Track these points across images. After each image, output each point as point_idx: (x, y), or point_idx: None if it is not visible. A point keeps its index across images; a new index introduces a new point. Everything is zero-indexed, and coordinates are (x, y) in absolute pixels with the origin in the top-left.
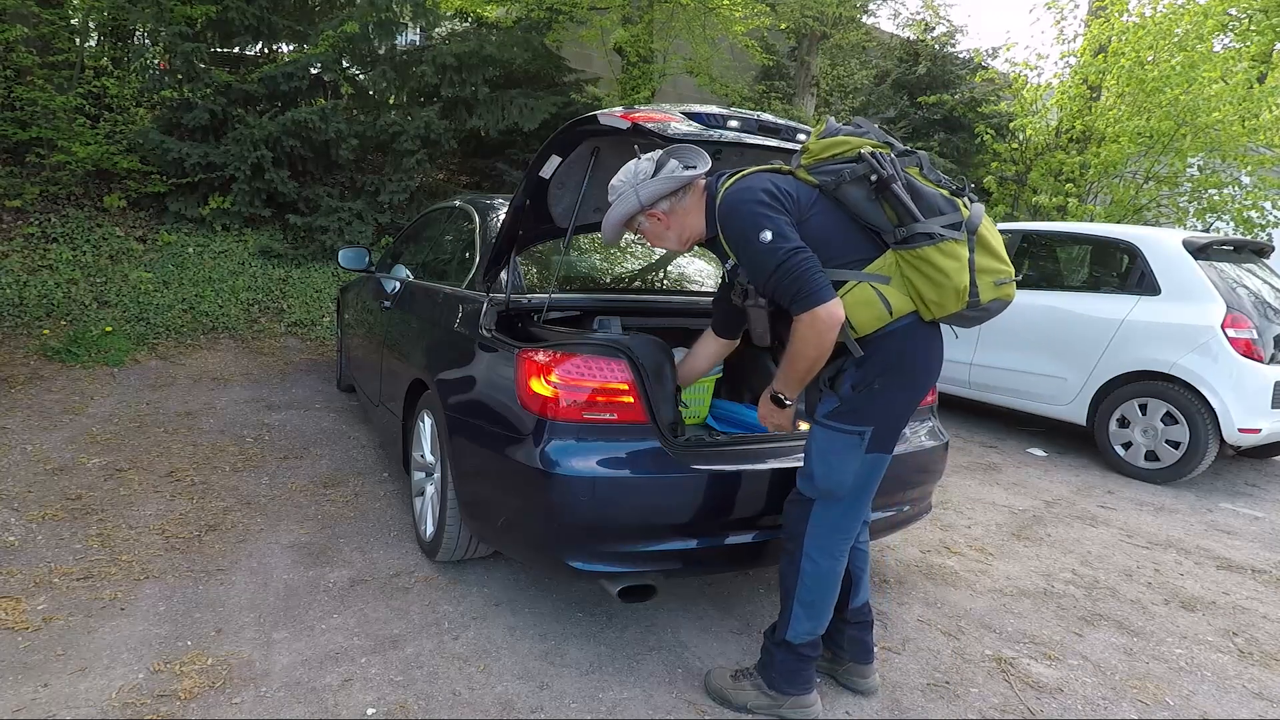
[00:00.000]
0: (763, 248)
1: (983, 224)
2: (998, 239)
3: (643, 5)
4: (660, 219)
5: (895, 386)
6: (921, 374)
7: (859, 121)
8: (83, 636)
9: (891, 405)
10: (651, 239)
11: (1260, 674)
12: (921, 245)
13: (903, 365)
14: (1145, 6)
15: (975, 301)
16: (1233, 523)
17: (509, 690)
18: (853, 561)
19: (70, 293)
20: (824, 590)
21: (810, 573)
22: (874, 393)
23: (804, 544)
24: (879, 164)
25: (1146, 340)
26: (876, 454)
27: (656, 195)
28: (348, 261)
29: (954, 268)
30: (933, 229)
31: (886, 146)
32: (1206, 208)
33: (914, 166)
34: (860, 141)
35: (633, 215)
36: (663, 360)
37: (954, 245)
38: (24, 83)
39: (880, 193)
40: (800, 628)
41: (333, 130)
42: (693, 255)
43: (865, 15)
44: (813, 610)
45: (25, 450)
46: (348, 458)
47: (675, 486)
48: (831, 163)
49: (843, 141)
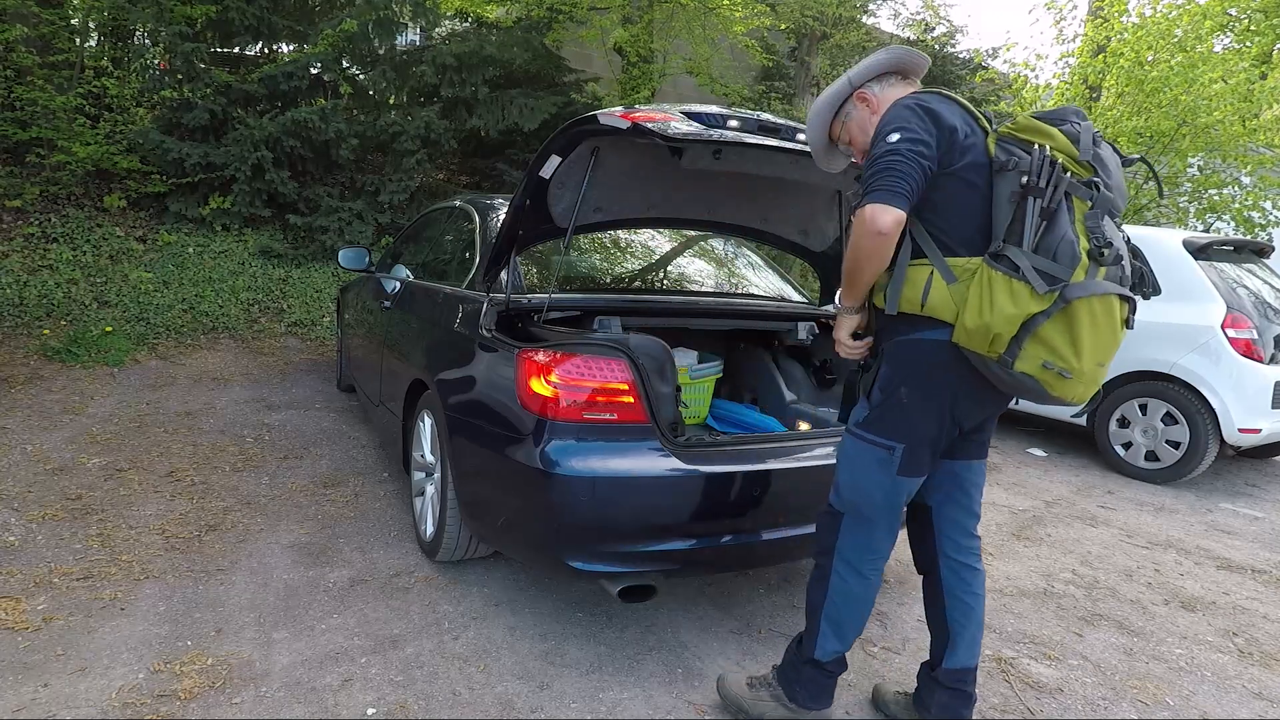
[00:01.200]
0: (882, 144)
1: (1087, 309)
2: (1098, 341)
3: (643, 5)
4: (870, 101)
5: (920, 406)
6: (948, 401)
7: (1076, 118)
8: (83, 636)
9: (917, 426)
10: (858, 137)
11: (1260, 674)
12: (1002, 269)
13: (929, 384)
14: (1145, 7)
15: (1007, 361)
16: (1233, 523)
17: (509, 690)
18: (951, 612)
19: (70, 293)
20: (852, 610)
21: (838, 589)
22: (901, 405)
23: (834, 559)
24: (1038, 169)
25: (1146, 340)
26: (908, 478)
27: (867, 73)
28: (348, 261)
29: (1008, 311)
30: (1023, 263)
31: (1071, 158)
32: (1207, 208)
33: (1084, 200)
34: (1050, 134)
35: (842, 100)
36: (663, 360)
37: (1027, 292)
38: (24, 83)
39: (1021, 198)
40: (827, 646)
41: (333, 130)
42: (693, 255)
43: (865, 15)
44: (839, 629)
45: (25, 450)
46: (348, 458)
47: (675, 487)
48: (1017, 144)
49: (1040, 129)
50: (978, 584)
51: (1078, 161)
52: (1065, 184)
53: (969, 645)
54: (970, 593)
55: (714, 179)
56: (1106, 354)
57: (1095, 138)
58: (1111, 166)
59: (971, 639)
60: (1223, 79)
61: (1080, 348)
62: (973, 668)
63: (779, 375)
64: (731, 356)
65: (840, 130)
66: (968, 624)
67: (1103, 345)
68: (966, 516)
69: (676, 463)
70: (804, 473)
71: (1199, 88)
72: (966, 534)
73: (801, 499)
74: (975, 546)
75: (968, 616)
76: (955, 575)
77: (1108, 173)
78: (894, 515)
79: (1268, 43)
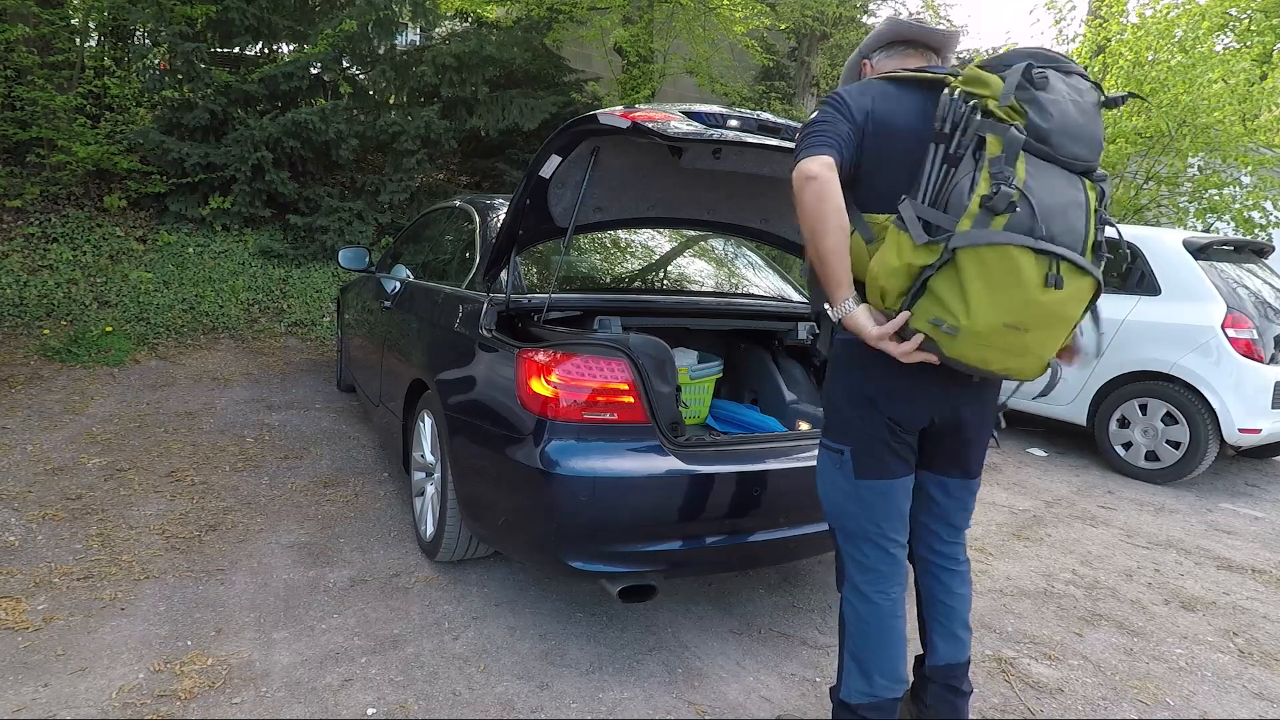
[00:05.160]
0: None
1: (975, 260)
2: (995, 298)
3: (643, 5)
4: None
5: (850, 402)
6: (870, 394)
7: (1020, 61)
8: (83, 636)
9: (852, 423)
10: None
11: (1260, 674)
12: (894, 221)
13: (850, 376)
14: (1145, 7)
15: (892, 314)
16: (1233, 523)
17: (509, 690)
18: (930, 610)
19: (70, 293)
20: (868, 639)
21: (849, 616)
22: (836, 405)
23: (843, 584)
24: (943, 115)
25: (1147, 340)
26: (868, 480)
27: (871, 44)
28: (348, 261)
29: (891, 263)
30: (907, 214)
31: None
32: (1207, 208)
33: (995, 135)
34: (985, 81)
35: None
36: (663, 360)
37: (905, 239)
38: (24, 83)
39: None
40: (853, 685)
41: (333, 130)
42: (693, 255)
43: (865, 15)
44: (862, 665)
45: (25, 450)
46: (348, 458)
47: (675, 487)
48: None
49: (979, 78)
50: (956, 584)
51: (1001, 107)
52: (975, 127)
53: (950, 642)
54: (949, 593)
55: (714, 179)
56: (1015, 314)
57: (1039, 79)
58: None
59: (951, 635)
60: (1223, 79)
61: (970, 303)
62: (962, 663)
63: (779, 375)
64: (731, 356)
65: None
66: (949, 622)
67: (1005, 303)
68: (943, 526)
69: (676, 463)
70: (804, 473)
71: (1199, 88)
72: (944, 540)
73: (802, 499)
74: (956, 552)
75: (949, 616)
76: (932, 577)
77: (1045, 116)
78: (877, 525)
79: (1268, 43)
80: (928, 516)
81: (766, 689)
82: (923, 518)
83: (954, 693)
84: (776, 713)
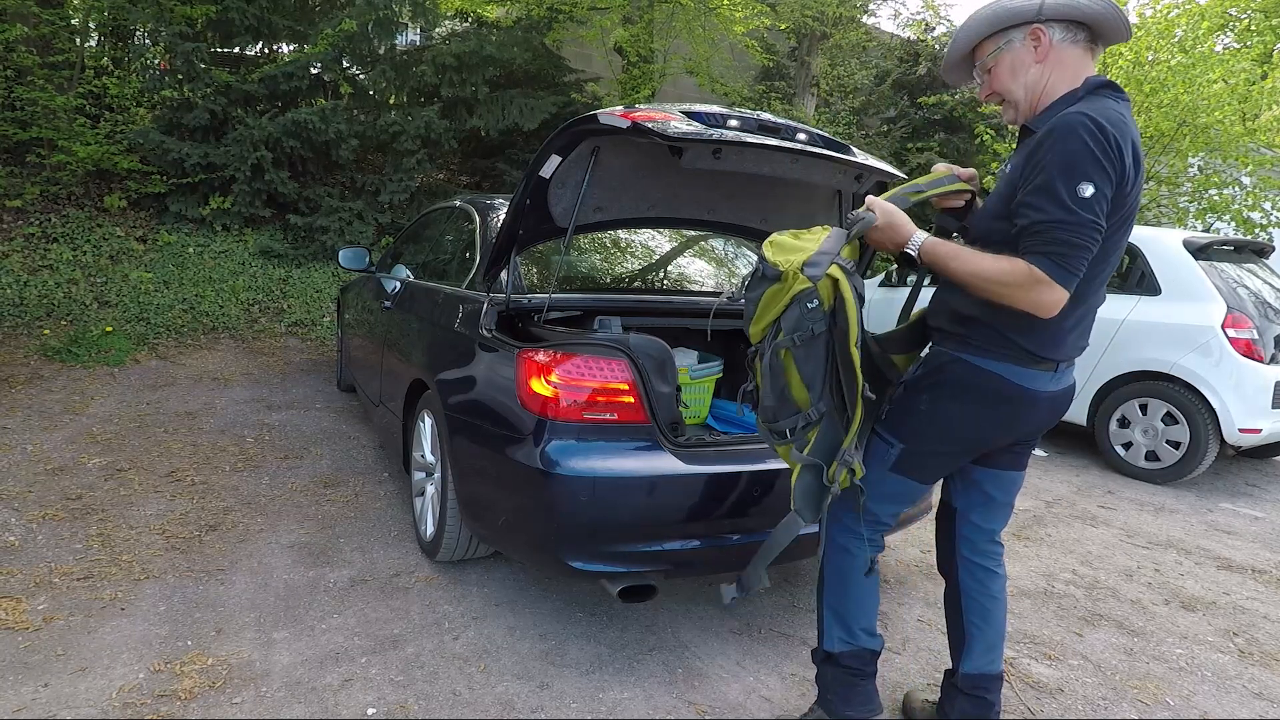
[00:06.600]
0: (1076, 192)
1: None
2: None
3: (643, 5)
4: (1042, 45)
5: (937, 423)
6: (972, 431)
7: None
8: (83, 636)
9: (924, 437)
10: (1003, 76)
11: (1260, 674)
12: None
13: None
14: (1145, 7)
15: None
16: (1233, 523)
17: (509, 690)
18: (967, 614)
19: (70, 293)
20: (848, 591)
21: (829, 573)
22: (918, 410)
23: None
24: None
25: (1147, 340)
26: (901, 478)
27: (1064, 10)
28: (348, 261)
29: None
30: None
31: None
32: (1207, 208)
33: None
34: None
35: (1016, 22)
36: (663, 360)
37: None
38: (24, 83)
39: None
40: (835, 634)
41: (333, 130)
42: (693, 255)
43: (865, 15)
44: (842, 617)
45: (25, 450)
46: (348, 458)
47: (675, 487)
48: None
49: None
50: (996, 587)
51: None
52: None
53: (986, 650)
54: (988, 595)
55: (714, 179)
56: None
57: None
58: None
59: (989, 644)
60: (1223, 79)
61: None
62: (993, 675)
63: None
64: (731, 356)
65: (990, 53)
66: (985, 627)
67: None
68: (991, 523)
69: (677, 463)
70: None
71: (1199, 88)
72: (988, 539)
73: None
74: (996, 551)
75: (985, 619)
76: (972, 577)
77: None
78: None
79: (1268, 43)
80: (979, 514)
81: (767, 689)
82: (973, 517)
83: (983, 705)
84: (777, 713)
